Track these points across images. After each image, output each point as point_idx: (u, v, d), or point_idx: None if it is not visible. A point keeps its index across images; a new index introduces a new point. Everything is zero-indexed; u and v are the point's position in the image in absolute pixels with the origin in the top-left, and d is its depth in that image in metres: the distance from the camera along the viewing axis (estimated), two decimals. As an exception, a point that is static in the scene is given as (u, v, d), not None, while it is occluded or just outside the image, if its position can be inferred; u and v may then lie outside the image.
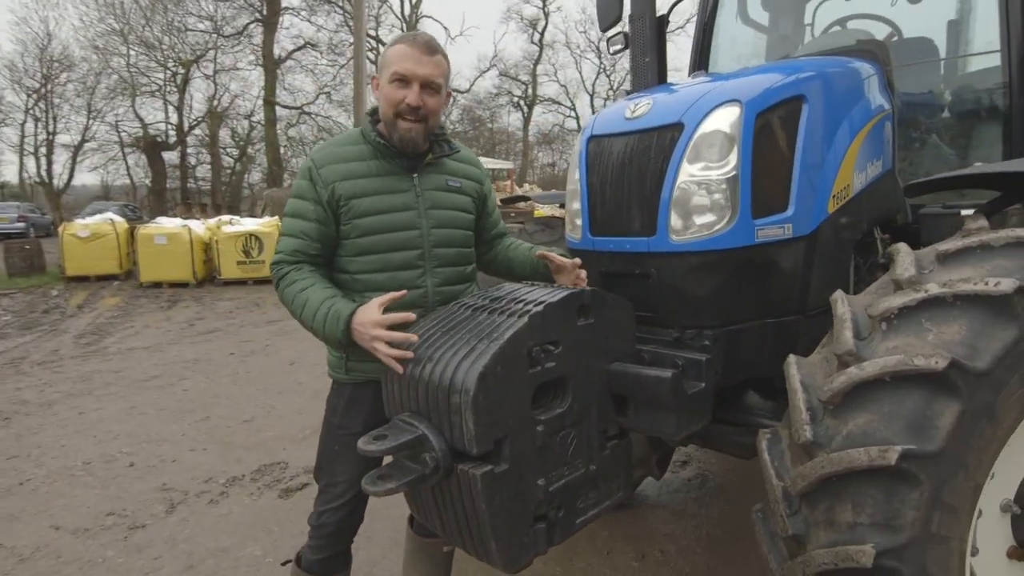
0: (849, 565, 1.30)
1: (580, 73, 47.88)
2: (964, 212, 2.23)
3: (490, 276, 2.23)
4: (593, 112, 36.45)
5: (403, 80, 1.71)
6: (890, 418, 1.31)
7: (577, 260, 1.88)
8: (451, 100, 1.98)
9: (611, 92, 36.36)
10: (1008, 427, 1.34)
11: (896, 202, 2.27)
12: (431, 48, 1.73)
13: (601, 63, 36.02)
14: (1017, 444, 1.42)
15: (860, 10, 3.13)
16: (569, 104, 37.14)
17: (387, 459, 1.51)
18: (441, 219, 1.84)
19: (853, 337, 1.43)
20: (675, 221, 1.75)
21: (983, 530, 1.46)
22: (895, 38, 2.88)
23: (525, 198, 3.94)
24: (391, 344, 1.55)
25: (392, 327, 1.57)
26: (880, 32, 2.93)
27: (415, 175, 1.82)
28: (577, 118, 37.30)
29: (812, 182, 1.87)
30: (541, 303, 1.48)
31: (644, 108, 1.85)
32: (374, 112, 1.86)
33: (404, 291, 1.67)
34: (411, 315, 1.61)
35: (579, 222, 2.01)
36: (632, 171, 1.82)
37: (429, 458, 1.36)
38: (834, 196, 1.93)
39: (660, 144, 1.77)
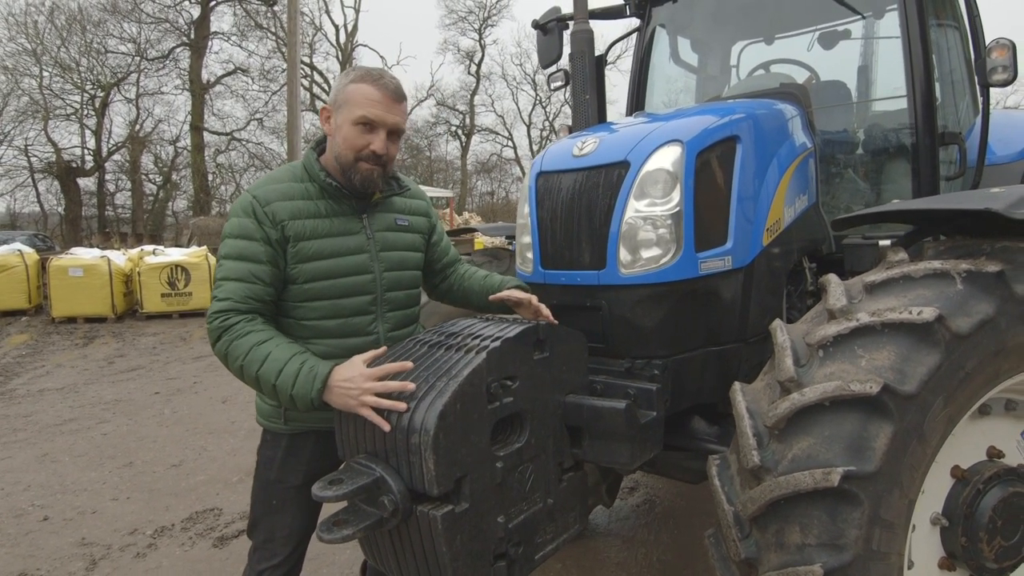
0: (800, 586, 1.35)
1: (517, 104, 48.89)
2: (882, 242, 2.42)
3: (446, 307, 2.21)
4: (530, 142, 37.38)
5: (369, 125, 1.64)
6: (831, 441, 1.39)
7: (534, 297, 1.86)
8: None
9: (547, 123, 37.28)
10: (935, 445, 1.44)
11: (822, 233, 2.44)
12: (400, 95, 1.68)
13: (537, 95, 37.00)
14: (943, 460, 1.53)
15: (781, 54, 3.37)
16: (506, 134, 37.82)
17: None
18: (393, 261, 1.78)
19: (793, 364, 1.51)
20: (624, 255, 1.81)
21: (916, 544, 1.55)
22: (814, 81, 3.11)
23: (472, 230, 3.95)
24: (384, 396, 1.43)
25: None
26: (800, 76, 3.16)
27: (364, 215, 1.76)
28: (514, 148, 38.04)
29: (748, 216, 1.98)
30: (498, 339, 1.49)
31: (591, 146, 1.91)
32: (318, 144, 1.78)
33: (384, 348, 1.59)
34: (408, 364, 1.51)
35: (530, 255, 2.04)
36: (581, 207, 1.88)
37: (387, 501, 1.33)
38: (768, 229, 2.05)
39: (608, 181, 1.83)
